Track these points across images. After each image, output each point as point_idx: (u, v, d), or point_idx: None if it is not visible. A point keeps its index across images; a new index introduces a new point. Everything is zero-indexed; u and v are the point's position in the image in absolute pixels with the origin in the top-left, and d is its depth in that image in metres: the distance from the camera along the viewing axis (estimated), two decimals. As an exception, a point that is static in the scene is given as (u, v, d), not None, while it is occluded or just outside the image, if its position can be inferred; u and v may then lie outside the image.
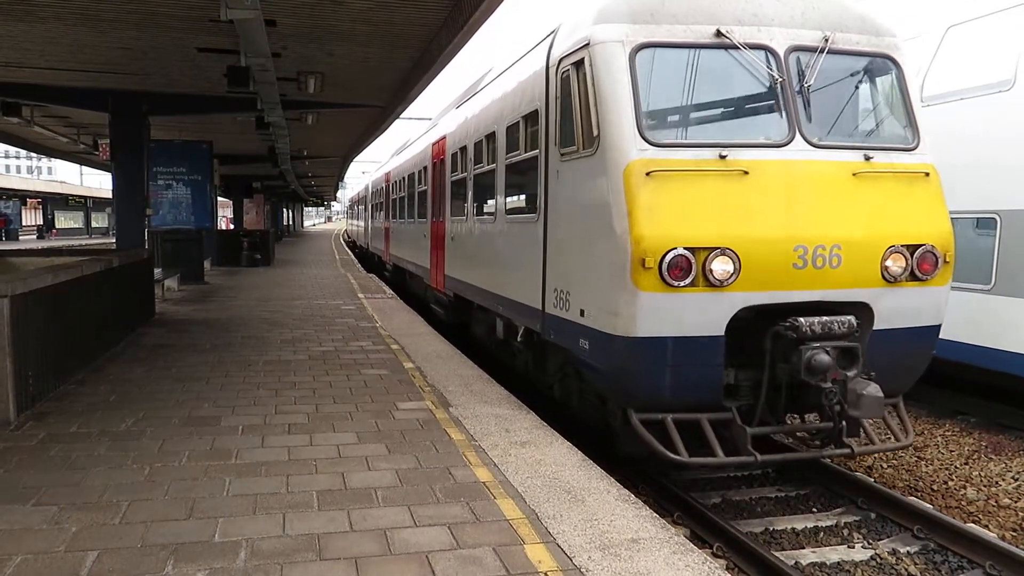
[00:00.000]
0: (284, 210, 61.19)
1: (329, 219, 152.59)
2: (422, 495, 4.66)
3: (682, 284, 5.49)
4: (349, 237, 51.98)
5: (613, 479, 5.01)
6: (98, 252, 12.09)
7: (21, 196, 55.31)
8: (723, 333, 5.66)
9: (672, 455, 5.69)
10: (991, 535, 5.88)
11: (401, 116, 16.57)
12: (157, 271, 14.58)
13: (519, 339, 8.46)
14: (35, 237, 55.01)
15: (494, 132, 9.08)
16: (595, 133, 5.99)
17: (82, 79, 12.57)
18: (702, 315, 5.59)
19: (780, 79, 6.03)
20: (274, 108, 13.58)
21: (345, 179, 53.79)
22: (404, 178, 18.07)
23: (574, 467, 5.21)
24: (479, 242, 9.98)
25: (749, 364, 5.99)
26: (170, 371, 8.16)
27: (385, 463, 5.25)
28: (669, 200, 5.60)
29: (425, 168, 14.80)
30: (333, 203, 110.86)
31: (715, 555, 5.66)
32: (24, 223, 57.42)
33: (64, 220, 63.76)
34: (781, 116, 6.03)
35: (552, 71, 7.01)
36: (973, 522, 6.51)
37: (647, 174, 5.60)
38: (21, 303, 6.27)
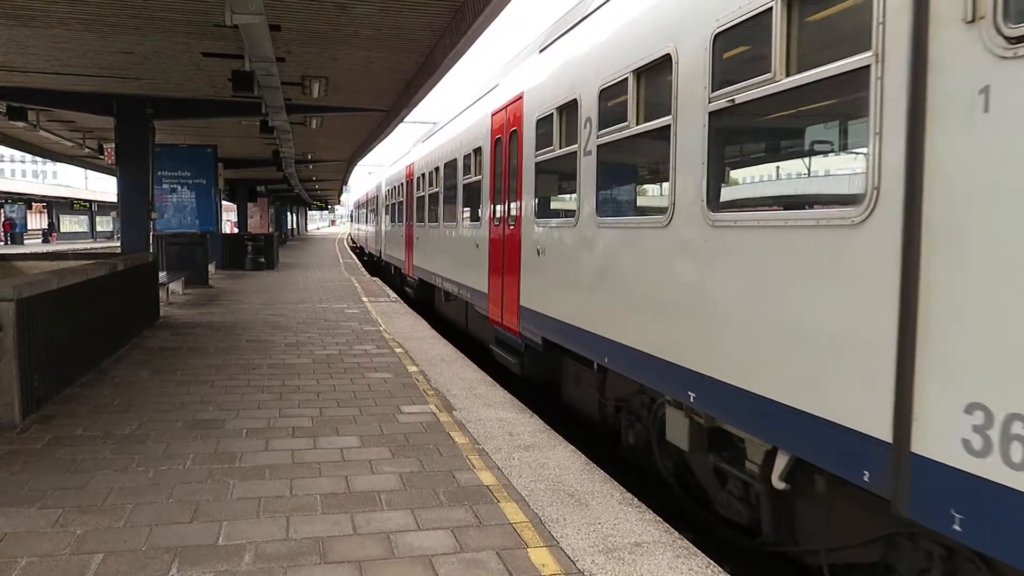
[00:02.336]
0: (288, 214, 61.40)
1: (333, 222, 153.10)
2: (426, 499, 4.66)
3: None
4: (355, 243, 51.24)
5: (617, 483, 5.02)
6: (103, 256, 12.13)
7: (27, 200, 55.57)
8: None
9: None
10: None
11: (405, 120, 16.58)
12: (162, 275, 14.64)
13: (779, 477, 4.23)
14: (40, 241, 55.23)
15: (667, 57, 5.09)
16: None
17: (87, 83, 12.64)
18: None
19: None
20: (278, 112, 13.64)
21: (349, 183, 53.83)
22: (438, 169, 14.27)
23: (578, 471, 5.22)
24: (617, 265, 5.97)
25: None
26: (174, 374, 8.18)
27: (389, 467, 5.26)
28: None
29: (478, 150, 10.84)
30: (337, 207, 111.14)
31: (719, 559, 5.64)
32: (29, 227, 57.70)
33: (69, 224, 64.03)
34: None
35: None
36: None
37: None
38: (27, 307, 6.30)
